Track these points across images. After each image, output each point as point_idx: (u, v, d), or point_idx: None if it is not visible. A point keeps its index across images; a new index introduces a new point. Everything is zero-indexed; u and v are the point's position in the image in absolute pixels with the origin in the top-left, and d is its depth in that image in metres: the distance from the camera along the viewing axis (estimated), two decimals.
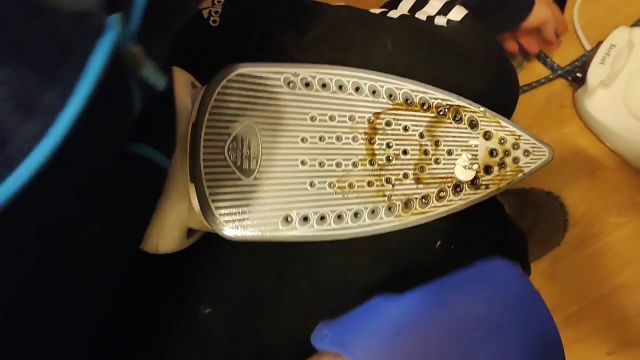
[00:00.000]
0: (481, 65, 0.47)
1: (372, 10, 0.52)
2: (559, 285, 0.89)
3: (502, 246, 0.50)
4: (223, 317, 0.43)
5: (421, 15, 0.50)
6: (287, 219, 0.37)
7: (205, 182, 0.37)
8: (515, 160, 0.38)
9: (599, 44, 0.81)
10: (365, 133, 0.38)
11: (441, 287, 0.29)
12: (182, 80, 0.39)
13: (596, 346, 0.87)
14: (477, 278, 0.29)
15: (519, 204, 0.88)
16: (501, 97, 0.49)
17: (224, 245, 0.43)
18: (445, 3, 0.50)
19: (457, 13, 0.49)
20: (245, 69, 0.37)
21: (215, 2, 0.48)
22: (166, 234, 0.38)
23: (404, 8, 0.51)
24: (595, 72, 0.79)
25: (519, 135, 0.38)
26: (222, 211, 0.37)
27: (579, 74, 0.85)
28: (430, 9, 0.50)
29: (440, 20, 0.49)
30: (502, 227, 0.51)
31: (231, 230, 0.37)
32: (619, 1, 0.90)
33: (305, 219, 0.38)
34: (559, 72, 0.88)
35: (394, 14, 0.51)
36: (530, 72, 0.91)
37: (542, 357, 0.27)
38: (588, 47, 0.89)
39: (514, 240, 0.52)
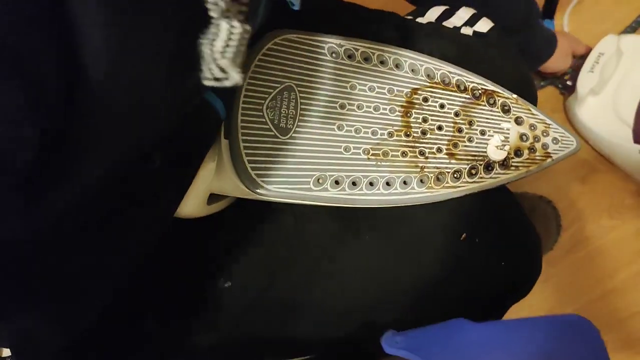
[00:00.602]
0: (507, 75, 0.47)
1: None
2: (553, 288, 0.90)
3: (521, 246, 0.52)
4: (239, 291, 0.44)
5: (448, 24, 0.51)
6: (319, 180, 0.39)
7: (241, 136, 0.38)
8: (544, 146, 0.39)
9: (588, 52, 0.82)
10: (402, 106, 0.40)
11: (525, 323, 0.31)
12: None
13: None
14: (558, 327, 0.31)
15: None
16: None
17: (245, 219, 0.44)
18: (472, 15, 0.51)
19: (484, 25, 0.50)
20: (293, 35, 0.39)
21: None
22: (188, 196, 0.38)
23: (431, 17, 0.52)
24: (584, 81, 0.80)
25: (549, 124, 0.39)
26: (255, 165, 0.38)
27: (568, 82, 0.86)
28: (457, 19, 0.51)
29: (467, 31, 0.50)
30: (522, 229, 0.53)
31: (262, 186, 0.38)
32: (608, 9, 0.92)
33: (337, 182, 0.39)
34: (549, 79, 0.90)
35: (421, 20, 0.52)
36: None
37: None
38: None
39: (532, 242, 0.54)
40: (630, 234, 0.89)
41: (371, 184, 0.39)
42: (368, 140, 0.39)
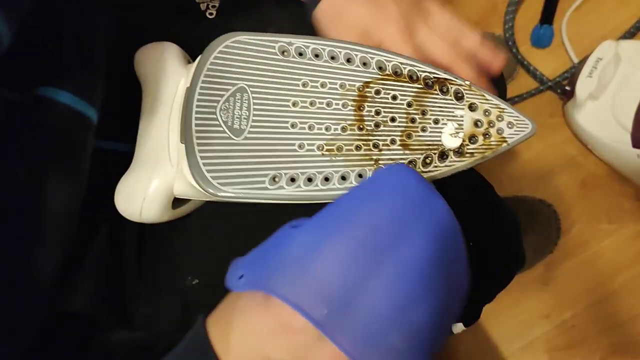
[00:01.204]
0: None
1: None
2: (552, 292, 0.91)
3: (493, 230, 0.51)
4: (206, 287, 0.45)
5: None
6: (274, 179, 0.39)
7: (196, 140, 0.38)
8: (499, 131, 0.39)
9: (586, 57, 0.83)
10: (354, 100, 0.40)
11: (345, 202, 0.30)
12: (174, 54, 0.43)
13: (589, 352, 0.89)
14: (376, 187, 0.31)
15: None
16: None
17: (210, 216, 0.44)
18: None
19: None
20: (242, 37, 0.40)
21: None
22: (150, 202, 0.40)
23: None
24: (583, 86, 0.81)
25: (503, 108, 0.39)
26: (211, 168, 0.38)
27: (567, 87, 0.87)
28: None
29: None
30: (493, 207, 0.53)
31: (219, 188, 0.38)
32: (606, 15, 0.93)
33: (293, 179, 0.39)
34: (548, 84, 0.90)
35: None
36: (520, 84, 0.93)
37: (445, 247, 0.28)
38: (575, 60, 0.91)
39: (505, 224, 0.53)
40: (629, 237, 0.90)
41: (326, 179, 0.39)
42: (322, 136, 0.40)
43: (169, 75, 0.41)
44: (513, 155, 0.93)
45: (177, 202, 0.42)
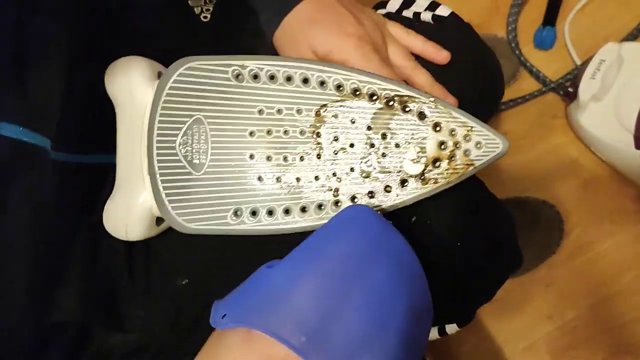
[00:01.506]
0: (463, 58, 0.48)
1: None
2: (555, 293, 0.91)
3: (482, 228, 0.50)
4: (197, 288, 0.45)
5: (408, 13, 0.51)
6: (236, 213, 0.38)
7: (159, 176, 0.38)
8: (467, 152, 0.36)
9: (589, 58, 0.83)
10: (312, 126, 0.38)
11: (313, 241, 0.32)
12: (141, 71, 0.40)
13: (591, 353, 0.89)
14: (340, 226, 0.33)
15: (515, 213, 0.89)
16: (485, 88, 0.50)
17: None
18: (433, 1, 0.51)
19: (445, 10, 0.50)
20: (194, 62, 0.38)
21: (207, 1, 0.50)
22: (134, 222, 0.39)
23: (391, 7, 0.52)
24: (586, 87, 0.81)
25: (471, 127, 0.36)
26: (175, 205, 0.38)
27: (570, 89, 0.87)
28: (417, 7, 0.51)
29: (426, 16, 0.50)
30: (484, 204, 0.52)
31: (183, 224, 0.38)
32: (609, 17, 0.93)
33: (254, 213, 0.38)
34: (551, 85, 0.91)
35: (380, 12, 0.52)
36: (523, 85, 0.94)
37: (406, 273, 0.31)
38: (578, 61, 0.91)
39: (496, 220, 0.52)
40: (632, 238, 0.90)
41: (287, 211, 0.38)
42: (280, 167, 0.38)
43: (135, 97, 0.39)
44: (516, 157, 0.93)
45: (162, 219, 0.42)
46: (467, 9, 0.97)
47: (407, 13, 0.51)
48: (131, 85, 0.39)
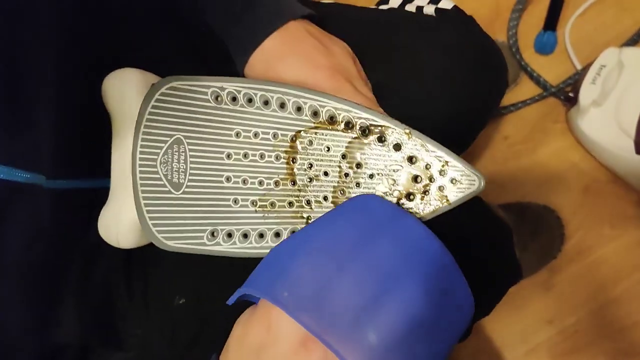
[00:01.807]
0: (465, 50, 0.47)
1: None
2: (556, 297, 0.91)
3: (479, 237, 0.49)
4: (194, 307, 0.45)
5: (411, 7, 0.51)
6: (213, 234, 0.39)
7: (141, 193, 0.39)
8: (441, 188, 0.35)
9: (590, 63, 0.83)
10: (286, 152, 0.38)
11: (316, 224, 0.34)
12: (134, 83, 0.40)
13: (592, 357, 0.89)
14: (344, 210, 0.34)
15: (517, 219, 0.90)
16: (488, 80, 0.50)
17: None
18: None
19: (447, 3, 0.50)
20: (176, 82, 0.38)
21: None
22: (125, 231, 0.40)
23: (394, 3, 0.52)
24: (587, 92, 0.81)
25: (447, 162, 0.35)
26: (155, 222, 0.39)
27: (570, 94, 0.87)
28: (420, 0, 0.51)
29: (429, 9, 0.50)
30: (480, 217, 0.52)
31: (162, 241, 0.39)
32: (609, 22, 0.93)
33: (230, 235, 0.39)
34: (552, 90, 0.91)
35: (383, 7, 0.52)
36: (523, 90, 0.94)
37: (414, 253, 0.31)
38: (579, 66, 0.91)
39: (494, 232, 0.52)
40: (632, 243, 0.90)
41: (261, 235, 0.39)
42: (255, 191, 0.39)
43: (127, 109, 0.40)
44: (516, 161, 0.94)
45: None
46: (468, 13, 0.96)
47: (410, 7, 0.51)
48: (123, 97, 0.40)
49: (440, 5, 0.50)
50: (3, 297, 0.34)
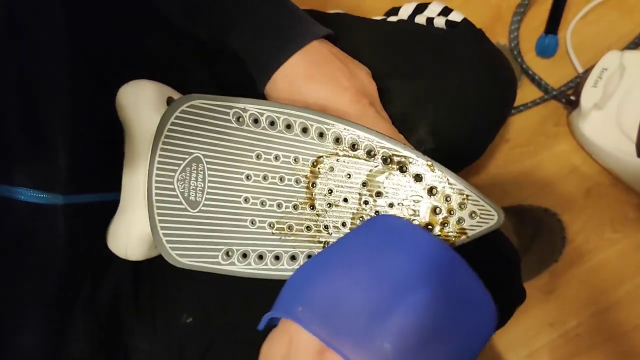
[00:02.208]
0: (476, 63, 0.47)
1: (374, 18, 0.53)
2: (557, 301, 0.91)
3: (489, 264, 0.49)
4: (202, 326, 0.46)
5: (421, 18, 0.51)
6: (228, 254, 0.39)
7: (156, 209, 0.38)
8: (460, 221, 0.35)
9: (592, 67, 0.83)
10: (307, 176, 0.38)
11: (333, 246, 0.35)
12: (149, 95, 0.40)
13: None
14: (358, 230, 0.36)
15: (518, 222, 0.90)
16: (498, 95, 0.50)
17: None
18: (445, 7, 0.50)
19: (458, 15, 0.50)
20: (197, 101, 0.38)
21: None
22: (134, 243, 0.40)
23: (403, 14, 0.52)
24: (588, 96, 0.81)
25: (467, 195, 0.35)
26: (169, 239, 0.39)
27: (572, 97, 0.87)
28: (430, 12, 0.51)
29: (440, 22, 0.50)
30: (490, 244, 0.51)
31: (176, 258, 0.39)
32: (611, 25, 0.93)
33: (245, 255, 0.39)
34: (553, 93, 0.91)
35: (392, 19, 0.52)
36: (525, 93, 0.94)
37: (425, 263, 0.32)
38: (580, 69, 0.91)
39: (503, 258, 0.52)
40: (634, 247, 0.90)
41: (277, 257, 0.39)
42: (273, 213, 0.39)
43: (141, 122, 0.40)
44: (517, 165, 0.94)
45: None
46: (470, 17, 0.95)
47: (420, 19, 0.50)
48: (138, 109, 0.40)
49: (450, 17, 0.50)
50: (21, 322, 0.34)
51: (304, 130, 0.38)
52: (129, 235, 0.40)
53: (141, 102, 0.40)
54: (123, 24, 0.47)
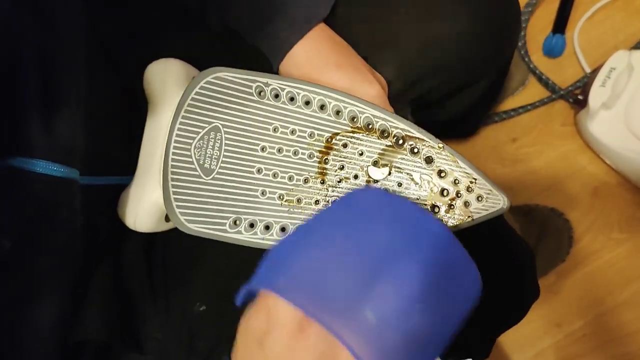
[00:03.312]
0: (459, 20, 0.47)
1: None
2: (563, 301, 0.90)
3: (503, 263, 0.49)
4: (214, 316, 0.45)
5: None
6: (235, 222, 0.40)
7: (171, 174, 0.39)
8: (466, 203, 0.36)
9: (600, 66, 0.83)
10: (320, 152, 0.39)
11: (316, 217, 0.34)
12: (177, 71, 0.42)
13: None
14: (343, 201, 0.34)
15: (524, 221, 0.89)
16: (500, 22, 0.49)
17: (222, 253, 0.45)
18: None
19: None
20: (223, 73, 0.39)
21: None
22: (143, 214, 0.41)
23: None
24: (596, 95, 0.81)
25: (475, 179, 0.36)
26: (180, 204, 0.39)
27: (580, 96, 0.87)
28: None
29: None
30: (504, 243, 0.51)
31: (184, 223, 0.39)
32: (619, 24, 0.93)
33: (252, 225, 0.39)
34: (560, 92, 0.91)
35: None
36: (532, 92, 0.94)
37: (409, 235, 0.31)
38: (588, 69, 0.91)
39: (517, 256, 0.52)
40: None
41: (283, 229, 0.39)
42: (284, 185, 0.39)
43: (166, 97, 0.42)
44: (524, 164, 0.93)
45: None
46: None
47: None
48: (165, 85, 0.42)
49: None
50: (40, 294, 0.35)
51: (322, 107, 0.39)
52: (140, 205, 0.41)
53: (168, 78, 0.42)
54: (136, 14, 0.48)
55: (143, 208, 0.41)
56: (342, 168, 0.39)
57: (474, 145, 0.94)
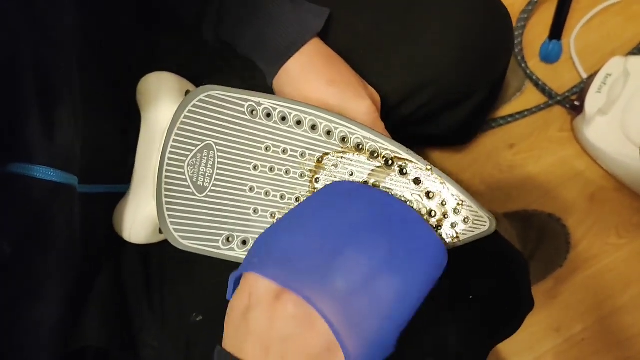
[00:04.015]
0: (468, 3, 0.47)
1: None
2: (562, 306, 0.91)
3: (497, 274, 0.50)
4: (211, 326, 0.46)
5: None
6: (228, 239, 0.40)
7: (164, 191, 0.40)
8: (453, 225, 0.37)
9: (596, 72, 0.84)
10: (311, 171, 0.40)
11: (291, 210, 0.36)
12: (170, 86, 0.43)
13: None
14: (317, 192, 0.37)
15: (522, 227, 0.90)
16: (490, 34, 0.50)
17: (218, 265, 0.45)
18: None
19: None
20: (215, 92, 0.40)
21: None
22: (138, 227, 0.42)
23: None
24: (592, 101, 0.81)
25: (463, 201, 0.37)
26: (173, 220, 0.40)
27: (576, 102, 0.87)
28: None
29: None
30: (498, 255, 0.52)
31: (178, 239, 0.40)
32: (615, 31, 0.93)
33: (245, 242, 0.40)
34: (557, 98, 0.91)
35: None
36: (529, 98, 0.94)
37: (373, 213, 0.34)
38: (584, 75, 0.92)
39: (511, 268, 0.52)
40: (638, 252, 0.90)
41: None
42: (276, 203, 0.40)
43: (159, 111, 0.43)
44: (522, 170, 0.94)
45: None
46: None
47: None
48: (158, 99, 0.42)
49: None
50: (40, 295, 0.35)
51: (313, 127, 0.39)
52: (136, 218, 0.42)
53: (162, 91, 0.43)
54: (132, 26, 0.48)
55: (138, 221, 0.42)
56: None
57: (472, 151, 0.95)
